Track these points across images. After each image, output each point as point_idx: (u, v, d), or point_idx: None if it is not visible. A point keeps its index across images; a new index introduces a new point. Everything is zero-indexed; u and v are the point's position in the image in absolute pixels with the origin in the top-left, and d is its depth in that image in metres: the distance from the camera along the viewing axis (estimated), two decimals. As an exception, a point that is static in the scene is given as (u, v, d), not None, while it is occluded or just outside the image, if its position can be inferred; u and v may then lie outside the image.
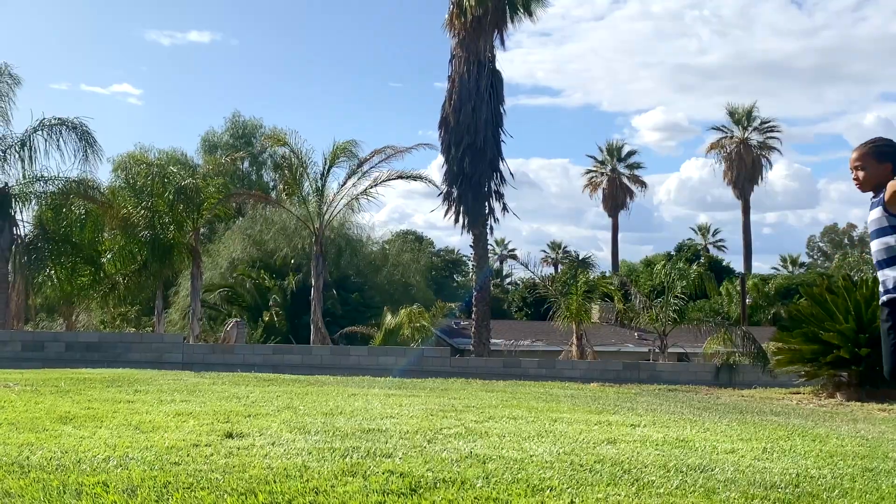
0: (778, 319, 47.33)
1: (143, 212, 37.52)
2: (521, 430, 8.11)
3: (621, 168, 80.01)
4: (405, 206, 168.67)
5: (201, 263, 41.58)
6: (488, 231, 36.77)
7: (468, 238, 37.07)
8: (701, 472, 5.87)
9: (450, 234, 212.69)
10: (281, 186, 44.05)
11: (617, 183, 79.64)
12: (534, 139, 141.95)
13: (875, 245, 6.75)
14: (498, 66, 36.12)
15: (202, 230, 42.44)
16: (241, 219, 56.34)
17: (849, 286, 16.95)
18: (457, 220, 36.17)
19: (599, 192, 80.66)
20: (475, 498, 4.81)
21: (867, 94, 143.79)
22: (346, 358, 26.11)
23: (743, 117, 73.95)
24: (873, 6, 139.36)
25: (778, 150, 75.03)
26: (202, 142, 71.89)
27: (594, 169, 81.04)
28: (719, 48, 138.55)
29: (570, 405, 11.58)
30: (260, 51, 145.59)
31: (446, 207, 36.34)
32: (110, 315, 51.74)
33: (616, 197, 79.83)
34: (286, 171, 42.14)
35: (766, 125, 74.13)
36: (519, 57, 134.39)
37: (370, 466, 5.67)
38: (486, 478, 5.38)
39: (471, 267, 49.43)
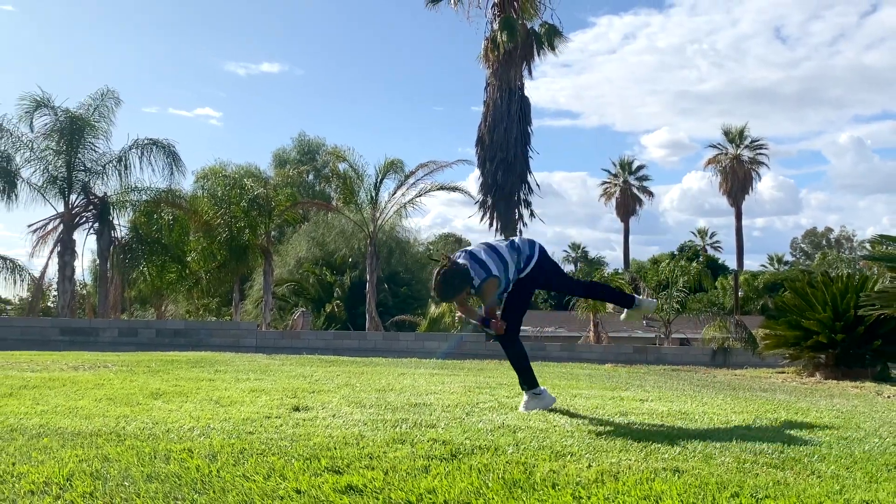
0: (766, 309, 47.08)
1: (222, 217, 37.75)
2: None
3: (632, 180, 79.92)
4: (446, 213, 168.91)
5: (272, 261, 41.77)
6: (518, 234, 36.59)
7: (500, 240, 37.00)
8: (700, 440, 5.84)
9: (485, 237, 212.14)
10: (339, 195, 44.02)
11: (628, 193, 79.57)
12: (557, 155, 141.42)
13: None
14: (526, 92, 36.01)
15: (273, 233, 42.59)
16: (306, 223, 56.36)
17: (827, 281, 16.83)
18: (491, 225, 36.08)
19: (613, 201, 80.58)
20: (506, 462, 4.80)
21: (842, 116, 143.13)
22: (396, 343, 26.11)
23: (736, 136, 73.64)
24: (847, 41, 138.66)
25: (766, 165, 74.69)
26: (273, 157, 72.08)
27: (608, 181, 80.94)
28: (716, 77, 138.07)
29: (588, 383, 11.55)
30: (322, 79, 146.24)
31: (482, 214, 36.24)
32: (194, 306, 52.04)
33: (627, 204, 79.76)
34: (334, 183, 42.35)
35: (756, 143, 73.82)
36: (544, 85, 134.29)
37: (417, 435, 5.67)
38: (516, 445, 5.37)
39: (503, 265, 49.02)
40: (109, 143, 33.73)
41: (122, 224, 34.72)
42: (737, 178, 72.51)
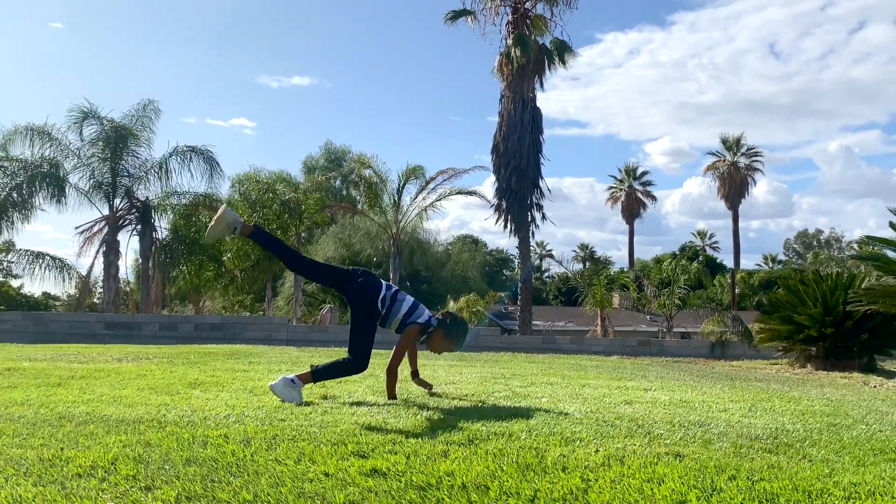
0: (761, 305, 46.86)
1: (255, 220, 37.82)
2: (557, 394, 8.09)
3: (636, 185, 79.97)
4: (464, 215, 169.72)
5: (302, 261, 41.77)
6: (530, 235, 36.48)
7: (514, 241, 36.82)
8: (700, 426, 5.84)
9: (500, 238, 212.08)
10: (364, 199, 44.11)
11: (633, 197, 79.62)
12: (567, 162, 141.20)
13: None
14: (538, 103, 35.90)
15: (303, 234, 42.64)
16: (333, 225, 56.40)
17: (817, 279, 16.79)
18: (505, 227, 35.99)
19: (619, 204, 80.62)
20: (520, 447, 4.79)
21: (831, 126, 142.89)
22: (417, 336, 26.02)
23: (733, 145, 73.48)
24: (836, 56, 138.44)
25: (761, 171, 74.29)
26: (303, 164, 71.93)
27: (614, 186, 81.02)
28: (714, 89, 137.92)
29: (596, 374, 11.53)
30: (348, 91, 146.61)
31: (497, 217, 36.15)
32: (230, 302, 52.20)
33: (632, 208, 79.81)
34: (361, 187, 42.53)
35: (752, 151, 73.60)
36: (554, 96, 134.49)
37: (436, 422, 5.68)
38: (529, 431, 5.37)
39: (516, 264, 49.13)
40: (151, 150, 33.99)
41: (162, 226, 35.01)
42: (734, 184, 72.36)
